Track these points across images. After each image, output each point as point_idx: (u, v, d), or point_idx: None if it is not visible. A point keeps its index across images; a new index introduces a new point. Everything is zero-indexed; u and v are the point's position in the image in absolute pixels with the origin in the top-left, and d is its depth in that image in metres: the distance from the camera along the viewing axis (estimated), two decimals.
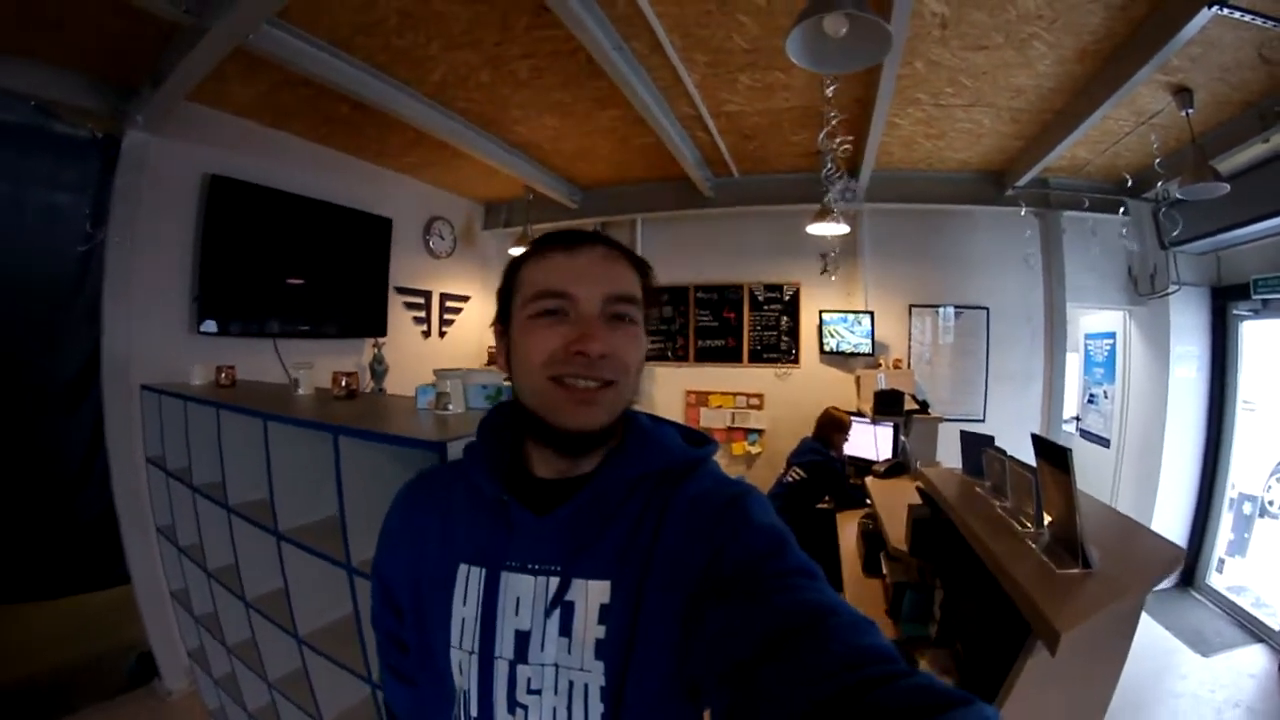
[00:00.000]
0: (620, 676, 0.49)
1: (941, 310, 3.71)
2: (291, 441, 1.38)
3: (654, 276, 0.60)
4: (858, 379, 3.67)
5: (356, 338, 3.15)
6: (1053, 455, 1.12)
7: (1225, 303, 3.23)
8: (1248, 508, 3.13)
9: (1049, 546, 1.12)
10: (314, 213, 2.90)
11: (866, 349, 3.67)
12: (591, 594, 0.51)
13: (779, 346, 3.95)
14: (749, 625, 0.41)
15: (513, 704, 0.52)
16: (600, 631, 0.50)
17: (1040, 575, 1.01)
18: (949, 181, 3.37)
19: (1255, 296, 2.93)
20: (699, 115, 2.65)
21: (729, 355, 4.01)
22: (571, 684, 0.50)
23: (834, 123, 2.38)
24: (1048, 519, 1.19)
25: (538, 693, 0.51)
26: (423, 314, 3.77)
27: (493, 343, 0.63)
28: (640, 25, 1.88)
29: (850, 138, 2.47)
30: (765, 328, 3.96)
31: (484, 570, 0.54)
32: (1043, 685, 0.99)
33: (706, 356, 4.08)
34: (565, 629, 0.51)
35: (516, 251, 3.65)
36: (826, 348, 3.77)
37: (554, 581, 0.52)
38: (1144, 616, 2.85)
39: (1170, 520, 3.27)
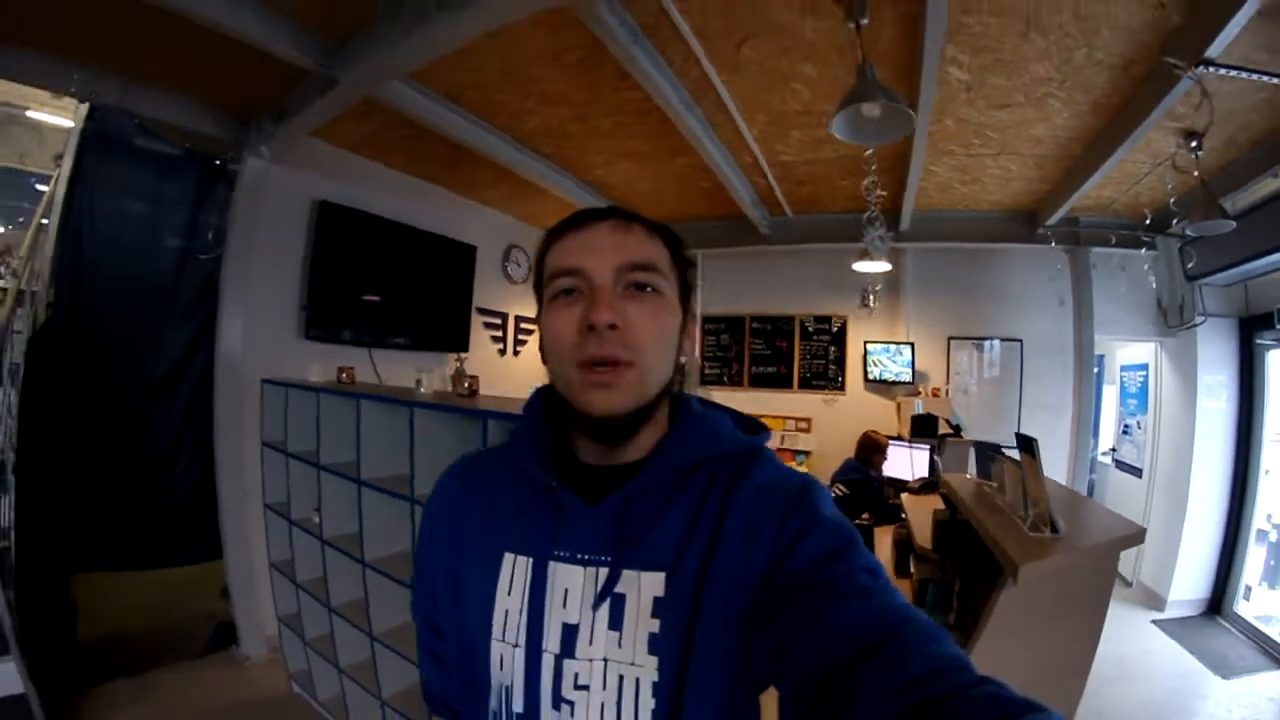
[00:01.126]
0: (678, 671, 0.51)
1: (987, 344, 4.24)
2: (427, 427, 1.87)
3: (685, 244, 0.62)
4: (898, 405, 4.23)
5: (441, 351, 3.76)
6: (1026, 446, 1.62)
7: (1252, 332, 3.60)
8: (1274, 534, 3.46)
9: (1031, 524, 1.60)
10: (408, 238, 3.53)
11: (907, 378, 4.28)
12: (644, 586, 0.53)
13: (827, 374, 4.63)
14: (825, 632, 0.43)
15: (558, 700, 0.53)
16: (654, 625, 0.52)
17: (1017, 537, 1.49)
18: (984, 221, 3.90)
19: (1279, 326, 3.32)
20: (758, 164, 3.25)
21: (780, 381, 4.71)
22: (622, 679, 0.52)
23: (874, 176, 2.94)
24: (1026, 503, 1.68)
25: (585, 688, 0.53)
26: (499, 333, 4.48)
27: None
28: (709, 90, 2.44)
29: (883, 193, 3.04)
30: (814, 356, 4.66)
31: (531, 560, 0.57)
32: (1017, 628, 1.45)
33: (759, 382, 4.80)
34: (615, 622, 0.53)
35: None
36: (870, 376, 4.40)
37: (603, 572, 0.54)
38: (1166, 640, 3.34)
39: (1198, 548, 3.64)
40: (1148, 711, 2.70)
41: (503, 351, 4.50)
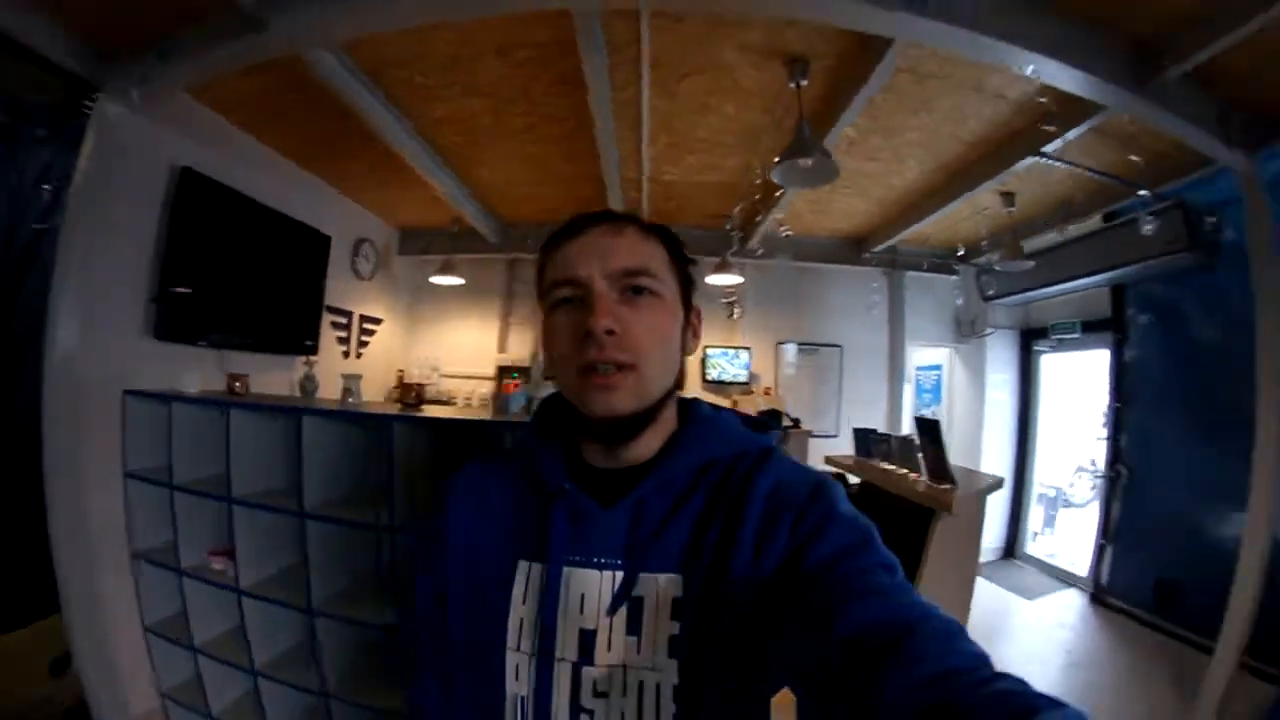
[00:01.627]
0: (698, 674, 0.53)
1: (786, 347, 5.19)
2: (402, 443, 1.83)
3: (682, 243, 0.66)
4: (735, 403, 4.95)
5: (292, 354, 3.44)
6: (928, 427, 2.31)
7: (1030, 341, 5.03)
8: (1052, 492, 4.93)
9: (929, 481, 2.28)
10: (271, 223, 3.19)
11: (744, 378, 5.09)
12: (662, 588, 0.55)
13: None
14: (844, 630, 0.44)
15: (576, 709, 0.55)
16: (674, 628, 0.54)
17: (930, 489, 2.14)
18: (821, 245, 4.79)
19: (1052, 337, 4.73)
20: (639, 179, 3.60)
21: None
22: (642, 684, 0.54)
23: (756, 202, 3.52)
24: (924, 468, 2.39)
25: (604, 696, 0.54)
26: (345, 333, 4.23)
27: (402, 367, 0.95)
28: (633, 108, 2.70)
29: (780, 217, 3.65)
30: None
31: (544, 566, 0.59)
32: (944, 545, 2.09)
33: None
34: (634, 627, 0.55)
35: (438, 279, 4.53)
36: (709, 377, 5.13)
37: (620, 576, 0.57)
38: (980, 580, 4.49)
39: (992, 508, 4.73)
40: (977, 632, 3.63)
41: (346, 353, 4.32)
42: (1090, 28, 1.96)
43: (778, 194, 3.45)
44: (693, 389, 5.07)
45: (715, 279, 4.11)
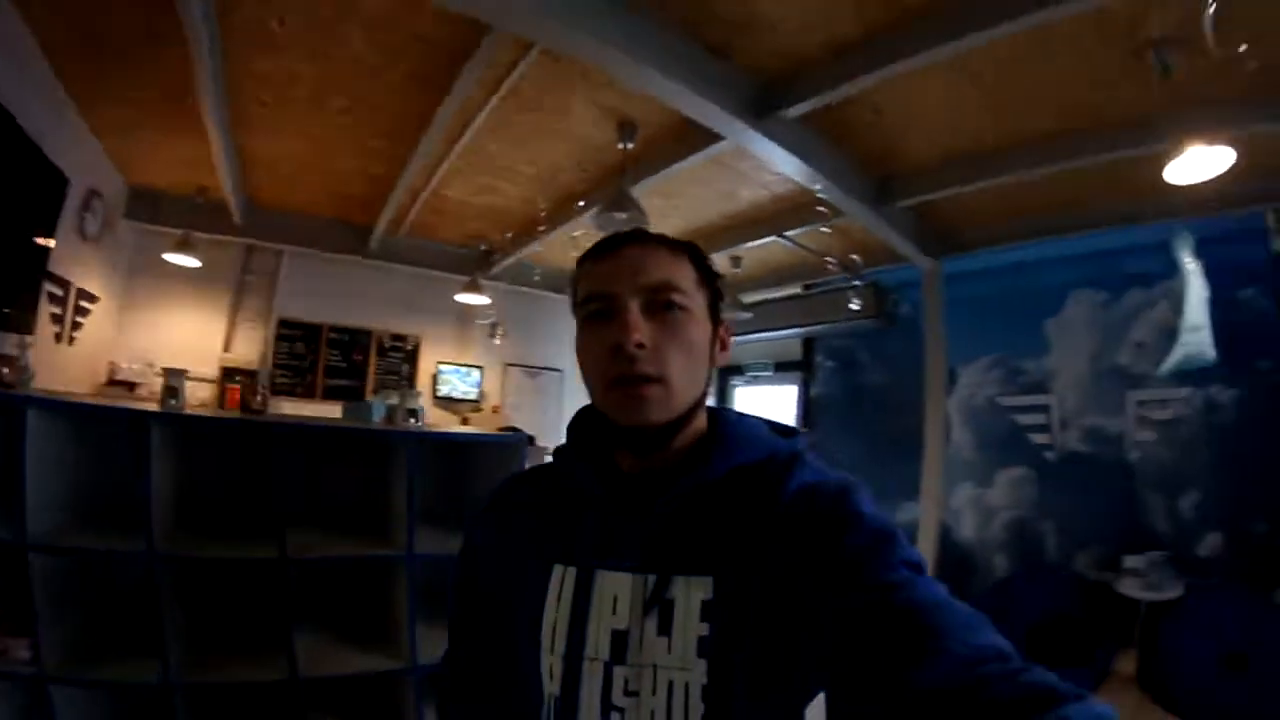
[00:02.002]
0: (725, 674, 0.56)
1: (538, 372, 5.80)
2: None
3: (709, 259, 0.69)
4: (465, 420, 5.31)
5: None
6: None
7: (727, 377, 6.30)
8: None
9: None
10: (9, 144, 2.34)
11: (474, 396, 5.47)
12: (693, 590, 0.58)
13: (398, 389, 5.08)
14: (870, 626, 0.46)
15: (608, 707, 0.59)
16: (703, 629, 0.57)
17: None
18: (556, 274, 5.29)
19: (747, 374, 6.03)
20: (422, 189, 3.67)
21: (353, 394, 5.05)
22: (672, 684, 0.57)
23: (540, 232, 3.93)
24: None
25: (635, 694, 0.58)
26: (60, 310, 3.22)
27: (114, 358, 1.08)
28: (461, 125, 2.82)
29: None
30: (388, 372, 5.27)
31: (576, 569, 0.63)
32: None
33: (333, 394, 5.01)
34: (664, 628, 0.58)
35: (173, 257, 4.16)
36: (440, 393, 5.38)
37: (652, 579, 0.60)
38: None
39: None
40: None
41: (59, 336, 3.34)
42: (857, 166, 2.99)
43: (557, 230, 3.88)
44: (422, 403, 5.12)
45: (463, 297, 4.31)
